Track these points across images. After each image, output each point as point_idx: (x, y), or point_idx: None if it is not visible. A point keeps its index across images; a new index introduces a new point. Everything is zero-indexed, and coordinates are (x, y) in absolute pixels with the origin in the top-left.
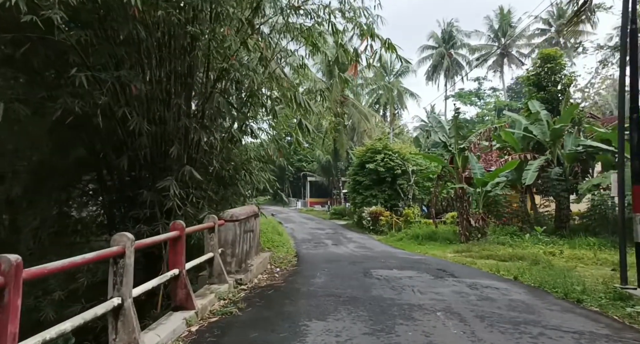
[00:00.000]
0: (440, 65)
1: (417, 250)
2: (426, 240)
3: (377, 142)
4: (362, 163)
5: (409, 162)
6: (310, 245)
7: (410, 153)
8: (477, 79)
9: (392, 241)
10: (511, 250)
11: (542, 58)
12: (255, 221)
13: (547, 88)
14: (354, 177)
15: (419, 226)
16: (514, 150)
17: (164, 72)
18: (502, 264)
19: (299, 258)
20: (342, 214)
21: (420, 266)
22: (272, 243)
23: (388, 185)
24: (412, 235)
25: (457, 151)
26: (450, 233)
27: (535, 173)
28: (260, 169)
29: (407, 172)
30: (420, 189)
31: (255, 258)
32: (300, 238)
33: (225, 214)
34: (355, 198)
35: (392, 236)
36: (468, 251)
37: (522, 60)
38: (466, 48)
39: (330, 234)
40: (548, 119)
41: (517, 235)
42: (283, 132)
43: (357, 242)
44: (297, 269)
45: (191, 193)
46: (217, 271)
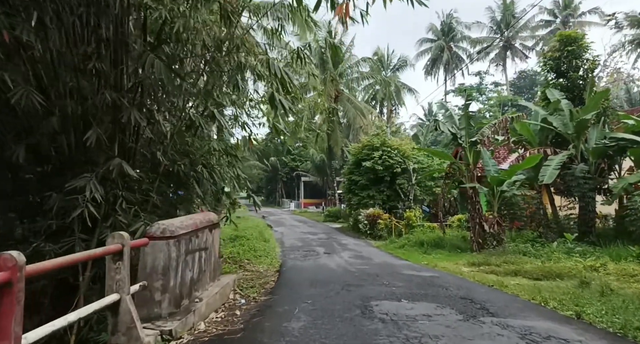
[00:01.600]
0: (440, 59)
1: (424, 261)
2: (432, 248)
3: (374, 137)
4: (358, 161)
5: (409, 159)
6: (299, 254)
7: (414, 148)
8: (479, 73)
9: (393, 248)
10: (540, 264)
11: (561, 40)
12: (211, 234)
13: (567, 75)
14: (350, 176)
15: (422, 231)
16: (529, 144)
17: (76, 21)
18: (539, 285)
19: (281, 275)
20: (337, 216)
21: (438, 292)
22: (254, 253)
23: (387, 185)
24: (415, 241)
25: (468, 145)
26: (459, 240)
27: (556, 170)
28: (229, 164)
29: (408, 170)
30: (422, 189)
31: (209, 287)
32: (289, 244)
33: (154, 228)
34: (351, 199)
35: (393, 242)
36: (487, 264)
37: (526, 53)
38: (467, 41)
39: (323, 240)
40: (570, 109)
41: (539, 243)
42: (251, 112)
43: (352, 250)
44: (271, 300)
45: (120, 196)
46: (126, 322)
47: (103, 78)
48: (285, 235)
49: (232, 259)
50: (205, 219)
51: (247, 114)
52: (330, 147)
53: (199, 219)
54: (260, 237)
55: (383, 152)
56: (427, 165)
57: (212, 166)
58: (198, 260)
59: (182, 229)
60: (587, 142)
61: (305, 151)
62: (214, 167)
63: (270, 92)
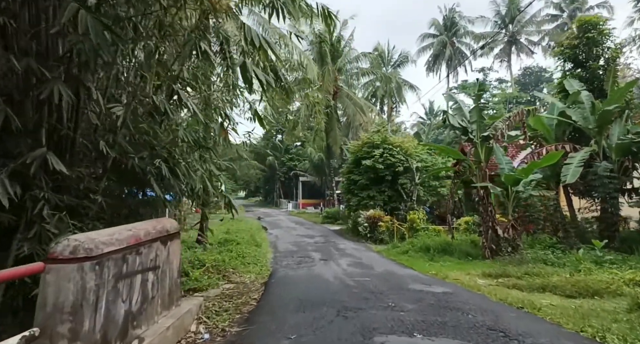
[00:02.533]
0: (442, 55)
1: (432, 270)
2: (439, 254)
3: (375, 134)
4: (357, 159)
5: (412, 157)
6: (292, 260)
7: (418, 143)
8: (482, 70)
9: (396, 254)
10: (568, 276)
11: (580, 26)
12: (166, 248)
13: (586, 64)
14: (349, 176)
15: (427, 235)
16: (545, 140)
17: None
18: (578, 306)
19: (266, 291)
20: (335, 217)
21: (458, 319)
22: (242, 260)
23: (388, 185)
24: (420, 246)
25: (480, 140)
26: (468, 245)
27: (579, 168)
28: (201, 159)
29: (411, 169)
30: (425, 189)
31: (161, 319)
32: (283, 249)
33: (60, 246)
34: (350, 199)
35: (395, 247)
36: (505, 276)
37: (532, 48)
38: (470, 36)
39: (320, 244)
40: (592, 101)
41: (559, 249)
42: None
43: (351, 256)
44: (245, 333)
45: (42, 198)
46: None
47: (11, 39)
48: (280, 238)
49: (216, 268)
50: (155, 228)
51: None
52: (328, 145)
53: (144, 229)
54: (252, 241)
55: (384, 150)
56: (431, 164)
57: (176, 160)
58: (140, 286)
59: (109, 245)
60: (609, 137)
61: (303, 150)
62: (178, 161)
63: (241, 60)
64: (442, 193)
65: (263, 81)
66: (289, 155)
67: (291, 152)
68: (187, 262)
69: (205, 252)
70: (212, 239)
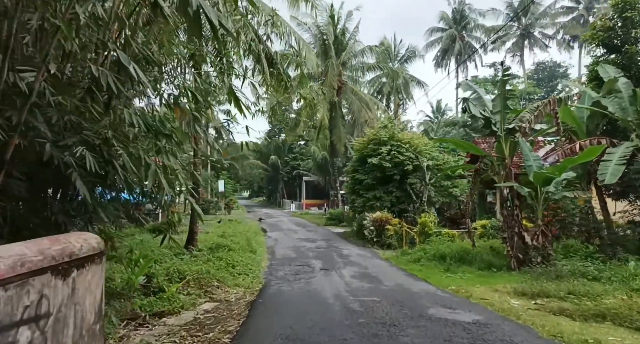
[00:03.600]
0: (451, 49)
1: (451, 285)
2: (457, 263)
3: (382, 130)
4: (362, 157)
5: (422, 155)
6: (289, 270)
7: (432, 138)
8: (493, 65)
9: (407, 262)
10: (625, 298)
11: (616, 5)
12: (68, 284)
13: (622, 49)
14: (353, 175)
15: (440, 240)
16: (574, 134)
17: None
18: None
19: (249, 318)
20: (339, 219)
21: None
22: (231, 270)
23: (396, 185)
24: (434, 253)
25: (504, 133)
26: (489, 252)
27: (620, 166)
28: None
29: (421, 167)
30: (436, 190)
31: None
32: (281, 255)
33: None
34: (355, 200)
35: (405, 253)
36: (544, 295)
37: (546, 42)
38: (481, 29)
39: (322, 249)
40: (634, 89)
41: (597, 259)
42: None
43: (356, 264)
44: None
45: None
46: None
47: None
48: (280, 242)
49: (198, 281)
50: (44, 253)
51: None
52: (332, 143)
53: (13, 256)
54: (247, 246)
55: (392, 147)
56: (442, 162)
57: (114, 149)
58: None
59: None
60: None
61: (306, 149)
62: (116, 150)
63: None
64: (454, 194)
65: (215, 22)
66: (293, 154)
67: (294, 151)
68: (165, 274)
69: (192, 260)
70: (202, 244)
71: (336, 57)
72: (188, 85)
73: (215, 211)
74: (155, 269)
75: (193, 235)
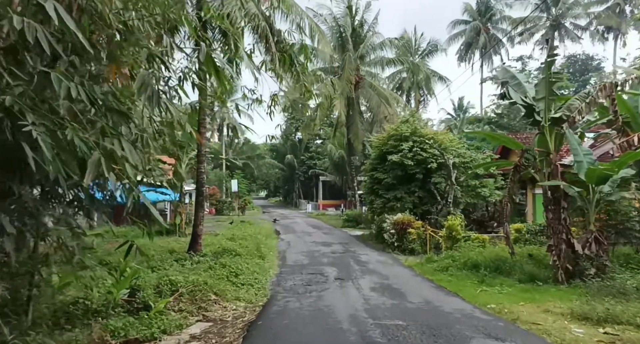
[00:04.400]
0: (475, 43)
1: (490, 302)
2: (493, 274)
3: (403, 125)
4: (382, 154)
5: (447, 152)
6: (299, 280)
7: (465, 131)
8: (521, 58)
9: (433, 271)
10: None
11: None
12: None
13: None
14: (372, 174)
15: (469, 246)
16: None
17: None
18: None
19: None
20: (357, 221)
21: None
22: (233, 281)
23: (418, 184)
24: (464, 262)
25: (549, 124)
26: (529, 261)
27: None
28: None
29: (447, 165)
30: (463, 189)
31: None
32: (293, 261)
33: None
34: (374, 201)
35: (431, 261)
36: (614, 321)
37: (578, 33)
38: (507, 21)
39: (338, 255)
40: None
41: None
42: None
43: (376, 273)
44: None
45: None
46: None
47: None
48: (292, 245)
49: (193, 295)
50: None
51: None
52: (349, 141)
53: None
54: (255, 251)
55: (414, 143)
56: (470, 159)
57: (18, 125)
58: None
59: None
60: None
61: (323, 147)
62: (22, 127)
63: None
64: (482, 195)
65: None
66: (309, 153)
67: (311, 150)
68: (154, 287)
69: (193, 267)
70: (208, 248)
71: (354, 50)
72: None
73: (228, 212)
74: (144, 280)
75: (196, 238)
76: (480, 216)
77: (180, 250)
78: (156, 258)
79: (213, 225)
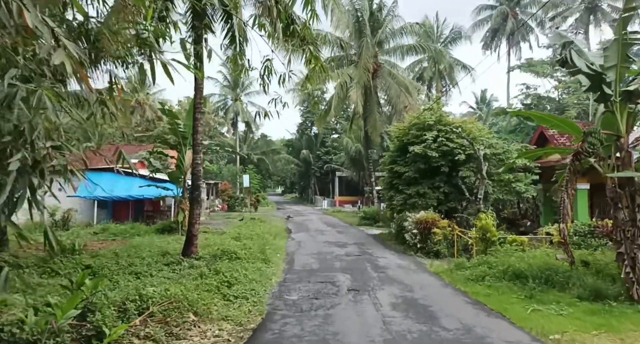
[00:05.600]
0: (502, 29)
1: (551, 329)
2: (542, 286)
3: (427, 112)
4: (402, 146)
5: (476, 141)
6: (305, 290)
7: (507, 109)
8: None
9: (465, 281)
10: None
11: None
12: None
13: None
14: (391, 167)
15: (507, 250)
16: None
17: None
18: None
19: None
20: (374, 219)
21: None
22: (225, 293)
23: (444, 179)
24: (504, 270)
25: (620, 99)
26: (586, 272)
27: None
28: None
29: (477, 157)
30: (495, 184)
31: None
32: (301, 266)
33: None
34: (393, 197)
35: (461, 267)
36: None
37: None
38: (537, 4)
39: (353, 257)
40: None
41: None
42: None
43: (397, 282)
44: None
45: None
46: None
47: None
48: (303, 246)
49: (166, 313)
50: None
51: None
52: (367, 133)
53: None
54: (259, 254)
55: (439, 133)
56: (503, 151)
57: None
58: None
59: None
60: None
61: (339, 141)
62: None
63: None
64: (517, 190)
65: None
66: (325, 148)
67: (327, 144)
68: (121, 303)
69: (181, 274)
70: (206, 250)
71: (371, 36)
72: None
73: (241, 208)
74: (105, 296)
75: (191, 239)
76: (511, 214)
77: (176, 251)
78: (144, 262)
79: (222, 222)
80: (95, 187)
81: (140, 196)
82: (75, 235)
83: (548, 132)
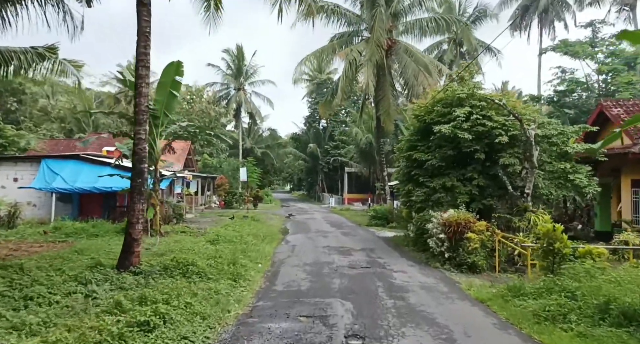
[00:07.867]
0: (534, 6)
1: None
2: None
3: (458, 86)
4: (424, 127)
5: (523, 121)
6: (273, 340)
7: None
8: (591, 24)
9: (532, 318)
10: None
11: None
12: None
13: None
14: (409, 154)
15: (587, 270)
16: None
17: None
18: None
19: None
20: (386, 218)
21: None
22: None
23: (478, 168)
24: (599, 304)
25: None
26: None
27: None
28: None
29: (526, 139)
30: (547, 176)
31: None
32: (285, 285)
33: None
34: (412, 192)
35: (518, 293)
36: None
37: None
38: None
39: (360, 271)
40: None
41: None
42: None
43: (425, 319)
44: None
45: None
46: None
47: None
48: (297, 252)
49: None
50: None
51: None
52: (379, 120)
53: None
54: (230, 266)
55: (472, 109)
56: (557, 132)
57: None
58: None
59: None
60: None
61: (348, 132)
62: None
63: None
64: (577, 184)
65: None
66: (333, 142)
67: (335, 138)
68: None
69: (87, 303)
70: (157, 259)
71: (386, 6)
72: None
73: (239, 205)
74: None
75: (130, 245)
76: (557, 216)
77: (108, 262)
78: (55, 281)
79: (212, 221)
80: (55, 177)
81: (108, 188)
82: (19, 236)
83: (611, 111)
